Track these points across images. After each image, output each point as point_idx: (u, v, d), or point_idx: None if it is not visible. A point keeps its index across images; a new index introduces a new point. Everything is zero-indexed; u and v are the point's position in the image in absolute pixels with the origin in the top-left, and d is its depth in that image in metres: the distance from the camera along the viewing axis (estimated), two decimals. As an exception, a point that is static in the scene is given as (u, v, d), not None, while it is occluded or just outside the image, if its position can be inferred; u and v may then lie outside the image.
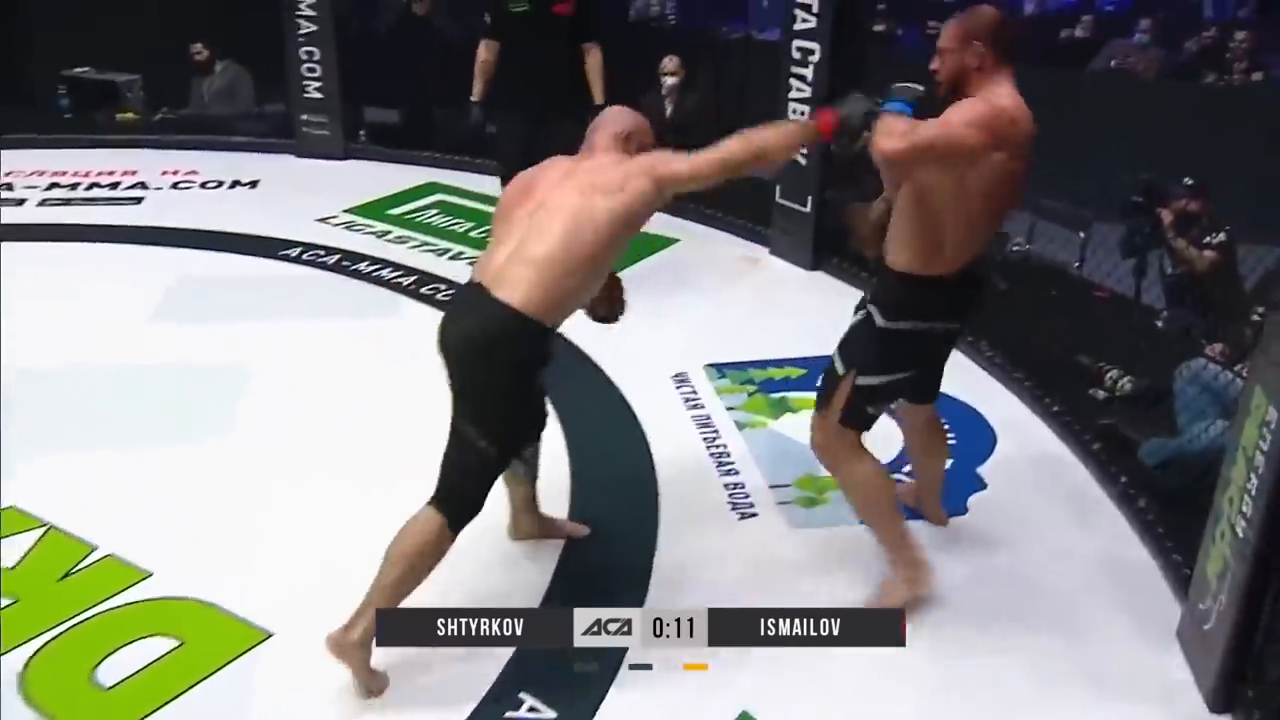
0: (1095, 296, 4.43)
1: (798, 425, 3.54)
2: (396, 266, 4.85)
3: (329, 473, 3.17)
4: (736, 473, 3.27)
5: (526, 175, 2.47)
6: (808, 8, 4.54)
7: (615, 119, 2.51)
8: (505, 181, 2.72)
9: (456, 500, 2.30)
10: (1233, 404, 2.96)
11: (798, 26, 4.60)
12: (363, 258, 4.93)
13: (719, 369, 3.91)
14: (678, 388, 3.79)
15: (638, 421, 3.52)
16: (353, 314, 4.36)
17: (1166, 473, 3.09)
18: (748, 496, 3.15)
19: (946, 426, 3.52)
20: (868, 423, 2.58)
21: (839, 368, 2.55)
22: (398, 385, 3.57)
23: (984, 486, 3.21)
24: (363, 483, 3.09)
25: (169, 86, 7.13)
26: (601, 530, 2.95)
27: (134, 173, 6.07)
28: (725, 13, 8.63)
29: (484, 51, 4.45)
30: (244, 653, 2.46)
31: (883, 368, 2.51)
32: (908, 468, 3.15)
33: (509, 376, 2.29)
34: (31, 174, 5.95)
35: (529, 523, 2.85)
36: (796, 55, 4.63)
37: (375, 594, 2.28)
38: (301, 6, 6.15)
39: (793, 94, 4.73)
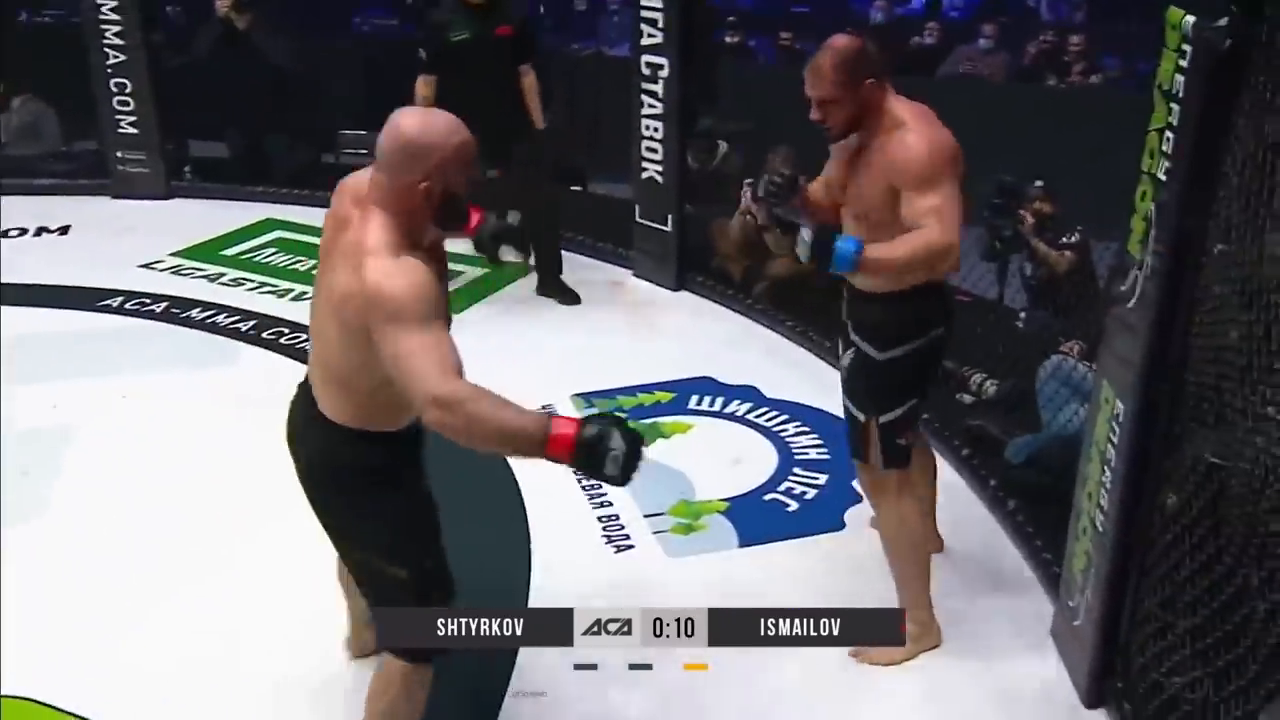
0: (958, 300, 4.66)
1: (670, 450, 3.63)
2: (233, 311, 4.72)
3: (170, 544, 3.07)
4: (609, 504, 3.32)
5: (326, 231, 2.02)
6: (653, 22, 4.65)
7: (400, 153, 1.88)
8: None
9: (391, 635, 2.10)
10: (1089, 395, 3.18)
11: (645, 41, 4.71)
12: (194, 303, 4.78)
13: (586, 398, 3.96)
14: (544, 421, 3.81)
15: (504, 458, 3.52)
16: (187, 365, 4.23)
17: (1030, 469, 3.29)
18: (622, 528, 3.21)
19: (819, 440, 3.68)
20: (904, 457, 2.60)
21: (859, 416, 2.59)
22: (242, 438, 3.47)
23: (859, 500, 3.33)
24: (209, 552, 3.01)
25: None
26: (472, 574, 2.93)
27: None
28: (574, 30, 8.77)
29: (423, 88, 4.46)
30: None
31: (897, 400, 2.54)
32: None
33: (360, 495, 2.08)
34: None
35: (369, 634, 2.53)
36: (646, 71, 4.75)
37: None
38: (108, 35, 5.93)
39: (645, 110, 4.83)
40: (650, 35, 4.68)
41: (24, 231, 5.70)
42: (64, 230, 5.70)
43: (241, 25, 6.27)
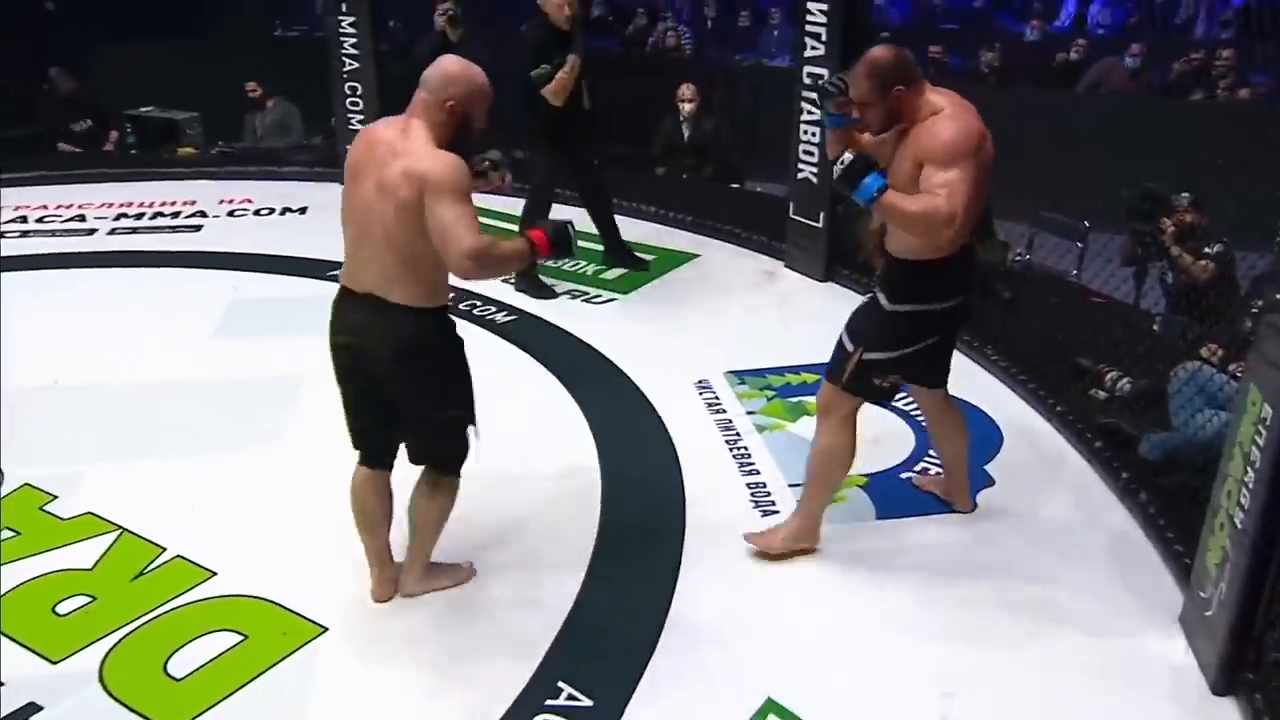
0: (1094, 303, 4.38)
1: (814, 426, 3.53)
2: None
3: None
4: (758, 472, 3.26)
5: (353, 156, 2.34)
6: (817, 36, 4.53)
7: (440, 78, 2.26)
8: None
9: (451, 461, 2.49)
10: (1226, 402, 2.92)
11: (808, 53, 4.60)
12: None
13: (739, 375, 3.90)
14: (701, 394, 3.78)
15: (664, 426, 3.52)
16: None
17: (1166, 466, 3.06)
18: (769, 495, 3.14)
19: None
20: (872, 394, 2.65)
21: (848, 345, 2.62)
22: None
23: (992, 483, 3.18)
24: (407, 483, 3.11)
25: (224, 122, 7.23)
26: (633, 526, 2.95)
27: (193, 202, 6.15)
28: (738, 43, 8.64)
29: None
30: (302, 646, 2.48)
31: (889, 345, 2.57)
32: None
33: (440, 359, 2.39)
34: (101, 206, 6.04)
35: (393, 573, 2.65)
36: (808, 80, 4.62)
37: (421, 543, 2.57)
38: (346, 46, 6.21)
39: (805, 116, 4.72)
40: (814, 48, 4.56)
41: (272, 210, 6.05)
42: (303, 210, 6.03)
43: (454, 38, 6.44)
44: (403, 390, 2.38)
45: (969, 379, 3.91)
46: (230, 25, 8.38)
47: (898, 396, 3.67)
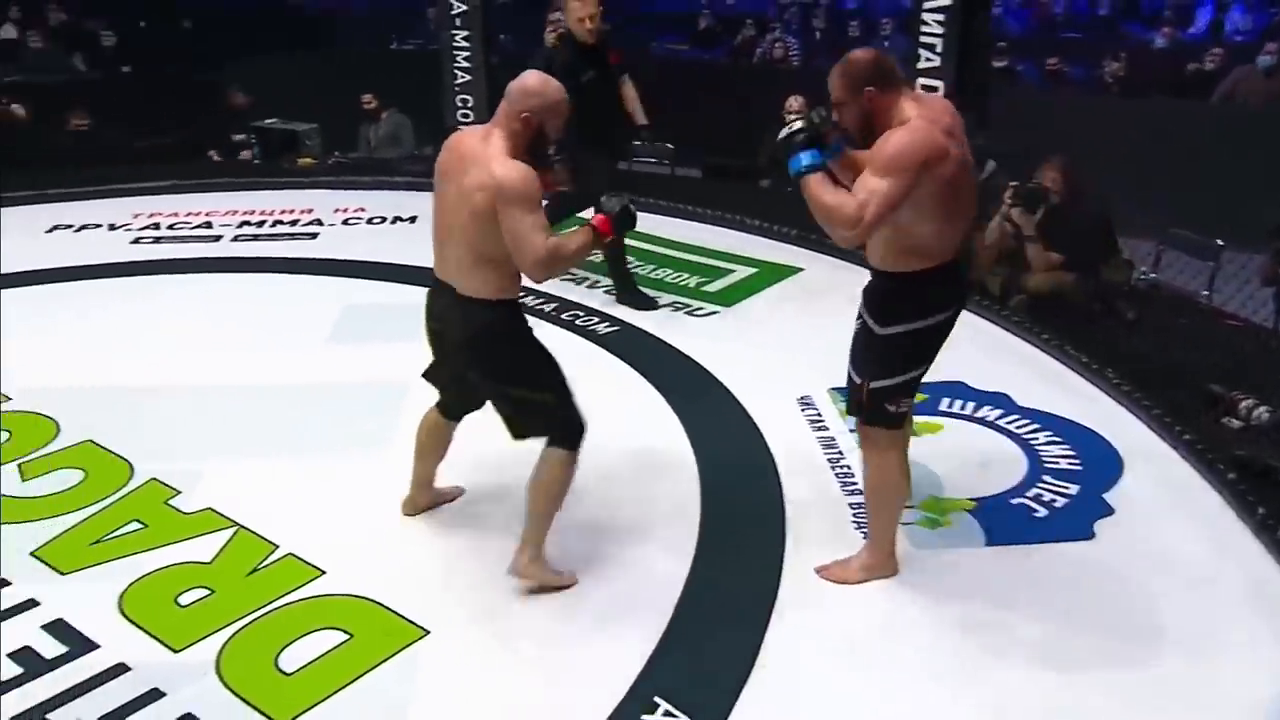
0: (1227, 325, 4.16)
1: (920, 447, 3.43)
2: (538, 294, 4.94)
3: (484, 480, 3.23)
4: (860, 492, 3.18)
5: (442, 161, 2.52)
6: (931, 47, 4.43)
7: (519, 91, 2.45)
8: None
9: (562, 435, 2.61)
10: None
11: (922, 65, 4.50)
12: (509, 286, 5.05)
13: (843, 392, 3.83)
14: (803, 410, 3.73)
15: (765, 442, 3.49)
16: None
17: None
18: (871, 515, 3.07)
19: (1071, 451, 3.38)
20: (893, 420, 2.59)
21: (855, 378, 2.61)
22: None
23: (1111, 512, 3.05)
24: (512, 488, 3.16)
25: (341, 133, 7.53)
26: (732, 545, 2.93)
27: (310, 211, 6.40)
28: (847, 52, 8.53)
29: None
30: (405, 647, 2.53)
31: (891, 371, 2.54)
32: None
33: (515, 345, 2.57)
34: (226, 214, 6.35)
35: (425, 497, 3.04)
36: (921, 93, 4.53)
37: (534, 522, 2.66)
38: (458, 59, 6.39)
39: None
40: (928, 59, 4.48)
41: (384, 219, 6.26)
42: (413, 219, 6.20)
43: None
44: (477, 372, 2.62)
45: (1089, 401, 3.77)
46: (349, 40, 8.73)
47: (1007, 419, 3.63)
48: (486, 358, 2.58)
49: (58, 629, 2.59)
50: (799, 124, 2.36)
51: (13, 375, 3.86)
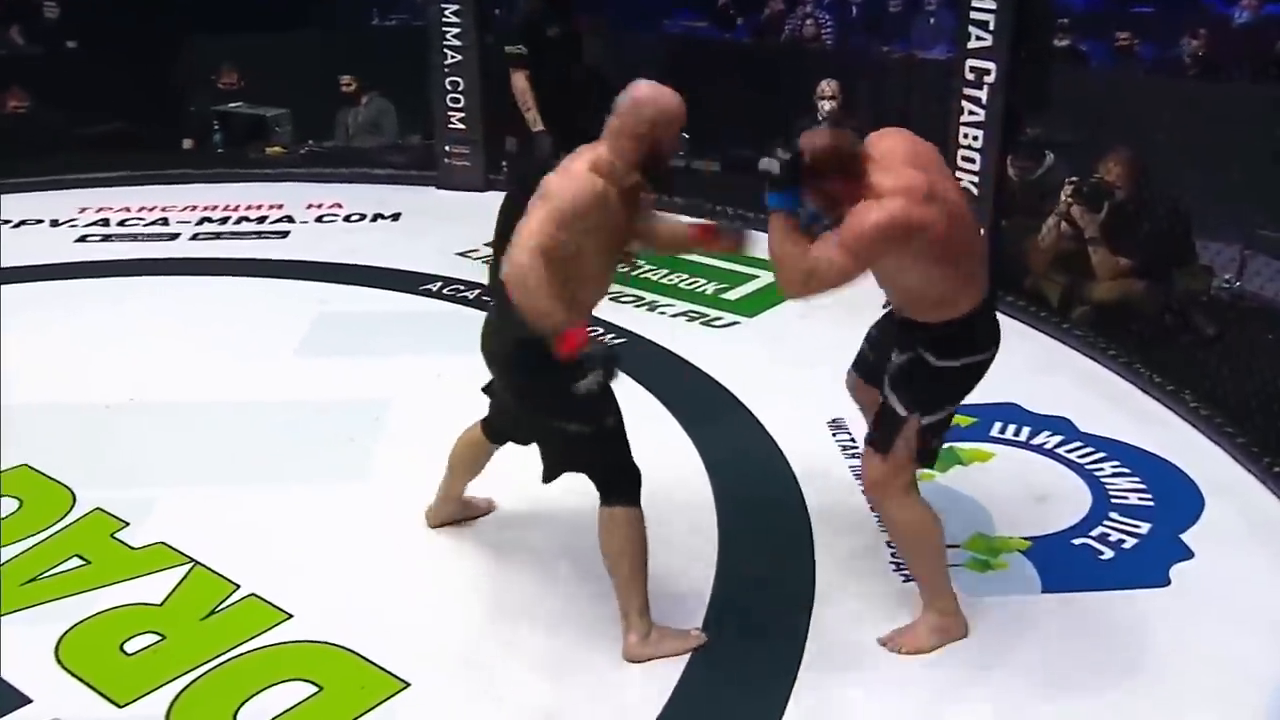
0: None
1: (968, 478, 3.45)
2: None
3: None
4: (902, 531, 3.19)
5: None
6: (983, 25, 4.45)
7: (634, 106, 2.46)
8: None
9: (616, 481, 2.60)
10: None
11: (972, 45, 4.52)
12: (504, 293, 5.08)
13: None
14: (834, 434, 3.73)
15: (791, 471, 3.49)
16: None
17: None
18: (913, 558, 3.06)
19: (1142, 484, 3.38)
20: (928, 459, 2.73)
21: (899, 410, 2.64)
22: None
23: (1189, 555, 3.03)
24: (502, 523, 3.17)
25: (315, 119, 7.57)
26: (754, 588, 2.93)
27: (280, 206, 6.45)
28: (886, 31, 8.56)
29: (522, 81, 4.76)
30: (382, 701, 2.53)
31: (941, 404, 2.66)
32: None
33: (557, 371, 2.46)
34: (185, 208, 6.40)
35: (450, 510, 3.14)
36: (970, 76, 4.55)
37: (623, 592, 2.64)
38: (449, 37, 6.43)
39: (965, 117, 4.63)
40: (979, 38, 4.49)
41: (363, 217, 6.30)
42: (396, 217, 6.25)
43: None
44: (519, 396, 2.66)
45: (1162, 428, 3.76)
46: (325, 15, 8.79)
47: (1068, 446, 3.62)
48: (523, 376, 2.58)
49: (-16, 681, 2.60)
50: (784, 155, 2.43)
51: (-59, 391, 3.90)
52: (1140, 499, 3.32)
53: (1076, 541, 3.13)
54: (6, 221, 6.13)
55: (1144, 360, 4.08)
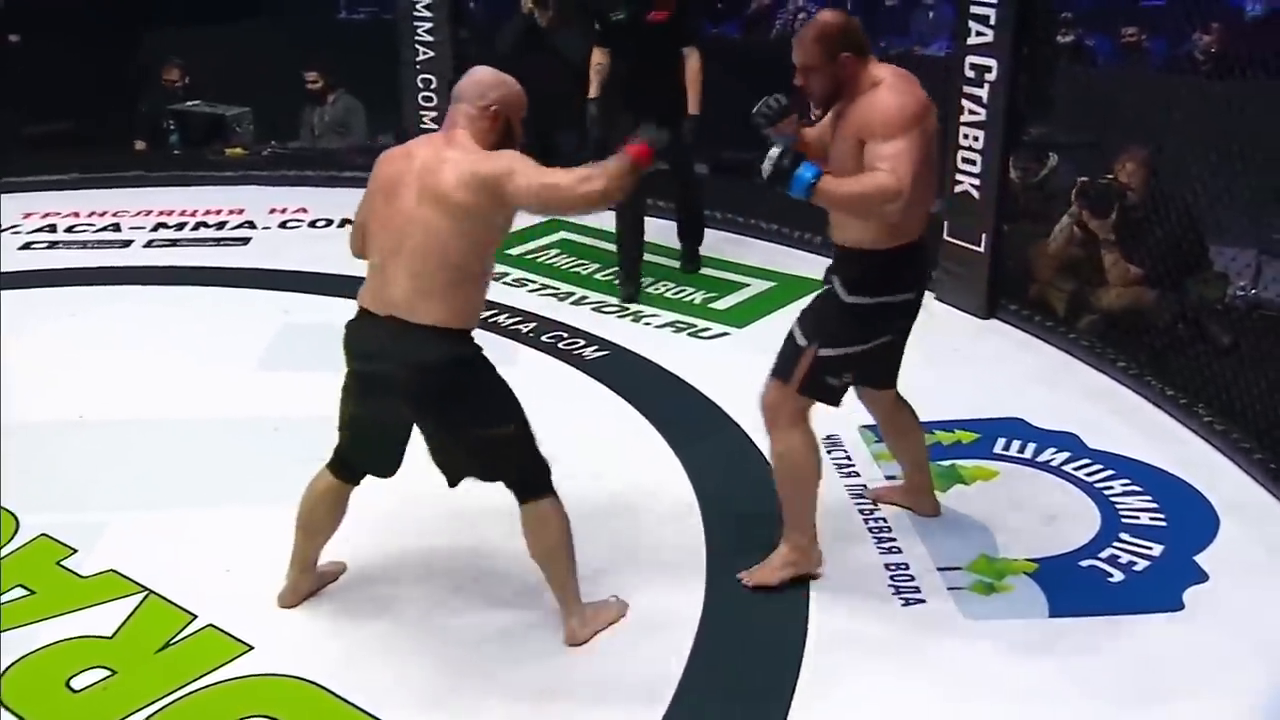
0: None
1: (971, 497, 3.47)
2: (514, 312, 4.97)
3: (443, 541, 3.25)
4: (898, 550, 3.21)
5: (388, 172, 2.62)
6: (984, 19, 4.49)
7: (476, 86, 2.61)
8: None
9: (533, 478, 2.71)
10: None
11: (972, 41, 4.56)
12: (478, 302, 5.08)
13: (877, 431, 3.84)
14: (829, 452, 3.74)
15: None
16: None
17: None
18: (912, 579, 3.08)
19: (1154, 503, 3.40)
20: (828, 395, 2.92)
21: (800, 340, 2.87)
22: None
23: (1204, 579, 3.05)
24: (479, 552, 3.16)
25: (279, 118, 7.56)
26: (741, 619, 2.93)
27: (241, 211, 6.44)
28: (882, 26, 8.61)
29: (598, 55, 5.14)
30: (349, 740, 2.52)
31: (844, 340, 2.85)
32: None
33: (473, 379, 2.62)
34: (138, 213, 6.39)
35: (310, 581, 3.00)
36: (970, 74, 4.58)
37: (560, 581, 2.77)
38: (420, 31, 6.44)
39: (965, 117, 4.66)
40: (979, 34, 4.53)
41: (330, 222, 6.30)
42: (363, 222, 6.24)
43: (543, 22, 6.62)
44: (437, 417, 2.66)
45: (1175, 444, 3.79)
46: (287, 6, 8.78)
47: (1075, 463, 3.64)
48: (450, 397, 2.60)
49: (-81, 722, 2.58)
50: (777, 147, 2.57)
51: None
52: (1152, 519, 3.34)
53: (1085, 563, 3.14)
54: (-55, 228, 6.11)
55: (1155, 372, 4.11)
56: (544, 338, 4.72)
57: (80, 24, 7.67)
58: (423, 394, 2.60)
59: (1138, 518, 3.35)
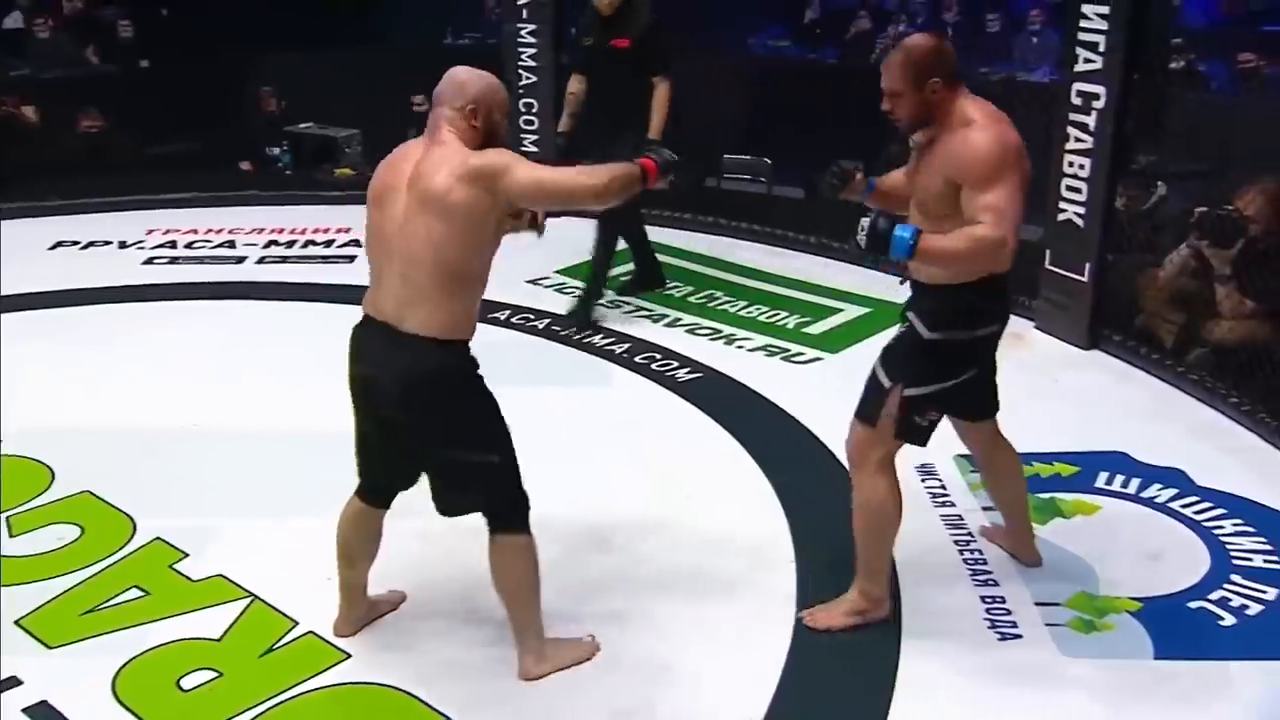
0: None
1: (1071, 532, 3.39)
2: (609, 333, 5.00)
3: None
4: (995, 584, 3.14)
5: (379, 181, 2.62)
6: (1093, 46, 4.39)
7: (455, 87, 2.56)
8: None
9: (507, 511, 2.65)
10: None
11: (1079, 67, 4.46)
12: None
13: (973, 461, 3.77)
14: (923, 480, 3.69)
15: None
16: (562, 382, 4.51)
17: None
18: (1009, 613, 3.02)
19: (1268, 544, 3.26)
20: (916, 435, 2.82)
21: (884, 380, 2.78)
22: (609, 460, 3.68)
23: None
24: (577, 568, 3.18)
25: (385, 140, 7.71)
26: (832, 653, 2.89)
27: (348, 230, 6.58)
28: (985, 51, 8.49)
29: (573, 83, 5.27)
30: (442, 750, 2.56)
31: (929, 379, 2.75)
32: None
33: (461, 397, 2.57)
34: (251, 231, 6.59)
35: (363, 611, 2.96)
36: (1077, 100, 4.49)
37: (522, 617, 2.72)
38: (524, 57, 6.54)
39: (1071, 144, 4.57)
40: (1088, 60, 4.43)
41: (430, 241, 6.40)
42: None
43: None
44: (415, 431, 2.61)
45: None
46: (397, 33, 9.00)
47: (1182, 500, 3.52)
48: (430, 413, 2.55)
49: (41, 713, 2.67)
50: (867, 218, 2.52)
51: (5, 414, 4.03)
52: (1266, 560, 3.22)
53: (1193, 605, 3.04)
54: (75, 243, 6.38)
55: (1270, 409, 3.96)
56: (637, 358, 4.73)
57: (205, 51, 8.00)
58: (407, 403, 2.54)
59: (1250, 559, 3.23)
